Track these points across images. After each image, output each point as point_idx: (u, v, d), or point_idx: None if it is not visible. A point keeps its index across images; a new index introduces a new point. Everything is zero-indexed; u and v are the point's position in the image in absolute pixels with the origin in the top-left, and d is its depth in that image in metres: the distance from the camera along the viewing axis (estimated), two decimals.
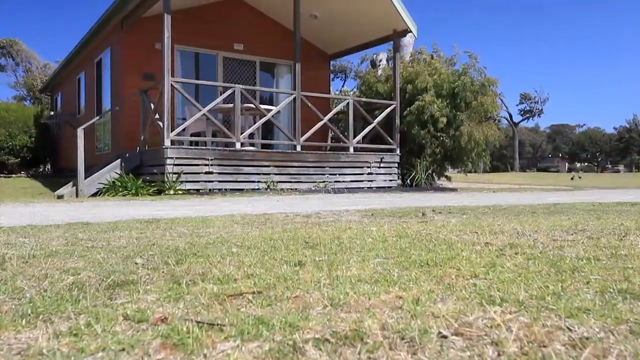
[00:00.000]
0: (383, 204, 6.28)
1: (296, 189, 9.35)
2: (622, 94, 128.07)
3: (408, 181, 11.44)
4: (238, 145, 8.97)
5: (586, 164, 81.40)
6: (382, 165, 10.78)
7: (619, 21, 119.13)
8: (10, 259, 2.20)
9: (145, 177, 8.73)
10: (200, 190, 8.49)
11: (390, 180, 10.92)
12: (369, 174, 10.61)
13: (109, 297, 1.56)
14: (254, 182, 9.08)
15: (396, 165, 11.06)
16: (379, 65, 15.18)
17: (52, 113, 17.71)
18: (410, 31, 11.02)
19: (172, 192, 8.09)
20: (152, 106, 8.79)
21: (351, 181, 10.33)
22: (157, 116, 8.67)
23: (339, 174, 10.19)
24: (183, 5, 10.28)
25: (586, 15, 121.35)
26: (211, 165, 8.67)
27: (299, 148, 9.79)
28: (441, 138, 11.37)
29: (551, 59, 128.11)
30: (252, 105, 9.40)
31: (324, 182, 9.85)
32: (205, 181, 8.63)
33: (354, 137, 10.53)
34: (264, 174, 9.21)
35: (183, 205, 5.99)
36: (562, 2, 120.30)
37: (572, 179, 27.34)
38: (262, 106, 9.66)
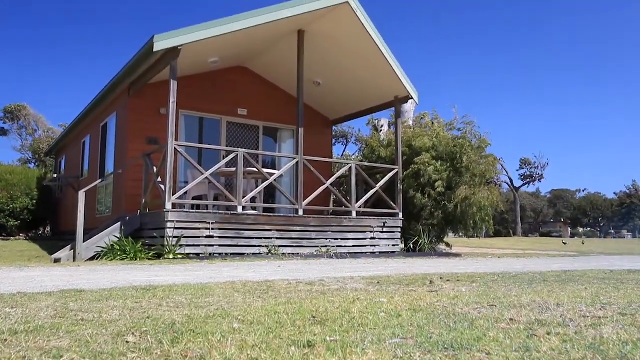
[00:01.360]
0: (388, 270, 6.10)
1: (298, 253, 9.15)
2: (620, 159, 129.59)
3: (411, 245, 11.21)
4: (240, 209, 8.86)
5: (589, 229, 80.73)
6: (385, 230, 10.61)
7: (616, 88, 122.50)
8: None
9: (145, 240, 8.57)
10: (201, 255, 8.30)
11: (394, 245, 10.71)
12: (371, 238, 10.42)
13: None
14: (255, 246, 8.90)
15: (399, 230, 10.89)
16: (381, 130, 15.37)
17: (55, 175, 17.78)
18: (412, 97, 11.21)
19: (171, 256, 7.90)
20: (155, 169, 8.77)
21: (354, 246, 10.13)
22: (159, 179, 8.63)
23: (342, 239, 10.01)
24: (189, 72, 10.53)
25: (583, 81, 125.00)
26: (212, 229, 8.52)
27: (301, 212, 9.67)
28: (442, 203, 11.24)
29: (549, 125, 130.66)
30: (254, 169, 9.39)
31: (326, 247, 9.65)
32: (205, 245, 8.45)
33: (357, 201, 10.43)
34: (265, 238, 9.04)
35: (182, 271, 5.80)
36: (559, 68, 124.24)
37: (564, 243, 27.29)
38: (265, 170, 9.65)
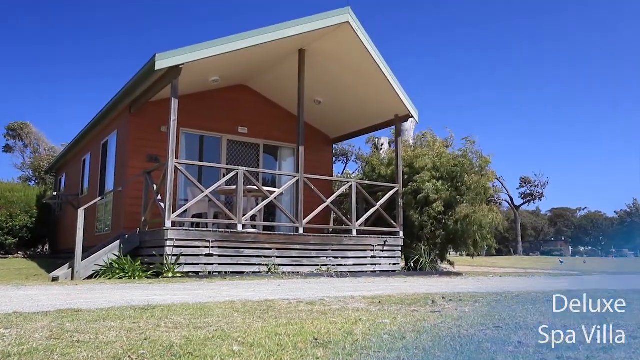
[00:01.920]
0: (389, 289, 6.03)
1: (298, 272, 9.06)
2: (620, 178, 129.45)
3: (412, 264, 11.11)
4: (240, 227, 8.81)
5: (590, 247, 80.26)
6: (385, 248, 10.53)
7: (614, 108, 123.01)
8: None
9: (144, 258, 8.49)
10: (200, 273, 8.21)
11: (394, 264, 10.62)
12: (372, 257, 10.33)
13: None
14: (255, 265, 8.81)
15: (400, 248, 10.81)
16: (381, 148, 15.38)
17: (55, 193, 17.76)
18: (412, 116, 11.23)
19: (170, 274, 7.82)
20: (155, 187, 8.74)
21: (354, 265, 10.04)
22: (159, 197, 8.59)
23: (342, 257, 9.92)
24: (190, 90, 10.57)
25: (583, 99, 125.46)
26: (212, 247, 8.45)
27: (301, 230, 9.61)
28: (443, 221, 11.17)
29: (549, 143, 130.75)
30: (254, 187, 9.36)
31: (326, 265, 9.56)
32: (205, 264, 8.37)
33: (357, 219, 10.37)
34: (265, 256, 8.97)
35: (181, 290, 5.73)
36: (559, 90, 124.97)
37: (561, 262, 27.33)
38: (265, 188, 9.61)
